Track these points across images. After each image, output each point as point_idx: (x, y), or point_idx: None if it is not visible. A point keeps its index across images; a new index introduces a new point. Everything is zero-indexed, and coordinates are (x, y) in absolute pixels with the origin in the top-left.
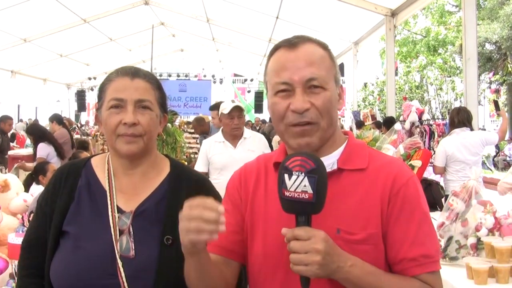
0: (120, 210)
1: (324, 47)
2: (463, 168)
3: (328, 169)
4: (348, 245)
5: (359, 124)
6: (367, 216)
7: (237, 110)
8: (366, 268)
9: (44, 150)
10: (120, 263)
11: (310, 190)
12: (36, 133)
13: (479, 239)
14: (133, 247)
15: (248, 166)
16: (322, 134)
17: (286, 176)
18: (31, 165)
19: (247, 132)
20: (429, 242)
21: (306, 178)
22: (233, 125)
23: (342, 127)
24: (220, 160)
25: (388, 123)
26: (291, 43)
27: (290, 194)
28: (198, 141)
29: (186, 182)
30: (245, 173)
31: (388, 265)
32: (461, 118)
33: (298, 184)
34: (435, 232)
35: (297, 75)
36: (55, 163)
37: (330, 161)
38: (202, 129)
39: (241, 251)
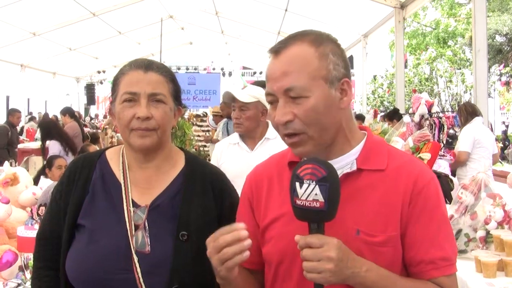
0: (135, 204)
1: (316, 43)
2: (488, 155)
3: (347, 169)
4: (368, 247)
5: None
6: (387, 218)
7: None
8: (381, 273)
9: (56, 147)
10: (135, 258)
11: (321, 199)
12: (47, 127)
13: (488, 232)
14: (149, 243)
15: (259, 169)
16: (315, 143)
17: (297, 184)
18: None
19: (272, 131)
20: (447, 245)
21: (317, 186)
22: (234, 119)
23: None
24: (232, 168)
25: (392, 115)
26: (275, 50)
27: (301, 202)
28: (221, 128)
29: (201, 176)
30: (255, 177)
31: (404, 266)
32: (474, 109)
33: (309, 193)
34: (453, 234)
35: (275, 86)
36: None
37: (348, 160)
38: (230, 112)
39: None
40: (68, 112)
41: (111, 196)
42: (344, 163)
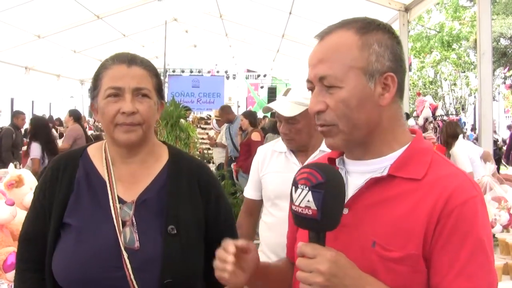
0: (121, 200)
1: (362, 31)
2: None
3: (377, 174)
4: (381, 262)
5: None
6: (409, 234)
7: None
8: None
9: (37, 150)
10: (125, 255)
11: (313, 206)
12: (35, 127)
13: (493, 236)
14: (138, 239)
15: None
16: (346, 137)
17: (293, 188)
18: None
19: None
20: (480, 275)
21: (310, 192)
22: (282, 134)
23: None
24: (274, 182)
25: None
26: (320, 35)
27: (295, 208)
28: (224, 133)
29: (186, 169)
30: None
31: None
32: (455, 131)
33: (302, 199)
34: (491, 264)
35: (312, 72)
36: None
37: (383, 164)
38: (228, 117)
39: None
40: (73, 114)
41: (96, 193)
42: (377, 167)
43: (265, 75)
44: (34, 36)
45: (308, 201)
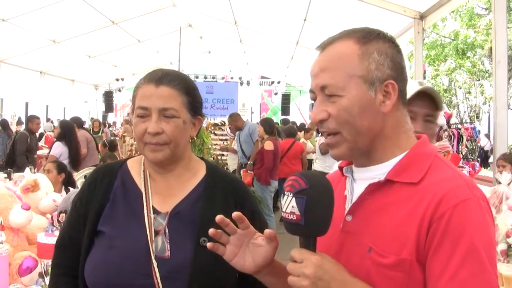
0: (155, 211)
1: (362, 41)
2: None
3: (375, 180)
4: (376, 268)
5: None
6: (404, 239)
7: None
8: None
9: (58, 149)
10: (155, 264)
11: (297, 212)
12: (66, 128)
13: (509, 246)
14: (169, 248)
15: (330, 175)
16: (350, 145)
17: (282, 195)
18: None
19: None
20: (471, 285)
21: (293, 198)
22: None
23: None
24: None
25: None
26: (321, 46)
27: (283, 214)
28: (236, 139)
29: (222, 184)
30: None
31: None
32: None
33: (287, 205)
34: (486, 272)
35: (314, 82)
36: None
37: (383, 170)
38: (237, 124)
39: None
40: (76, 122)
41: (132, 203)
42: (378, 173)
43: (279, 82)
44: (50, 40)
45: (293, 206)
